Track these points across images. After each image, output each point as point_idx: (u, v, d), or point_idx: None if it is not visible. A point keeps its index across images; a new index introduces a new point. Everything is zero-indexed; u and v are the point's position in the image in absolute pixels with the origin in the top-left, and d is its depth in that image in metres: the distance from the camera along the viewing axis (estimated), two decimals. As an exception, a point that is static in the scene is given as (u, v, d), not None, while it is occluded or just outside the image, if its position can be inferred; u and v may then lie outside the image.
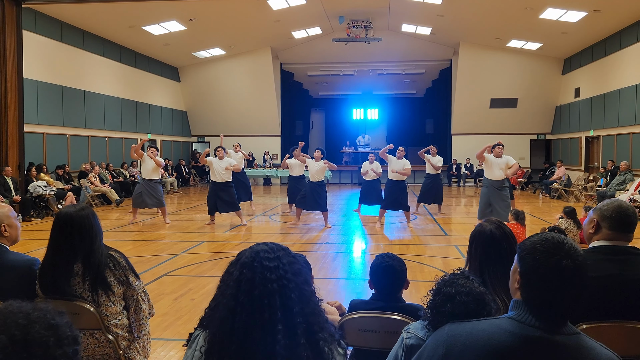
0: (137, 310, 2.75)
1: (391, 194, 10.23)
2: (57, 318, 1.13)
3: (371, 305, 2.40)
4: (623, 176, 12.86)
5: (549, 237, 1.48)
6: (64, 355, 1.09)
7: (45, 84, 13.61)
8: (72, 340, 1.12)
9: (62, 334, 1.10)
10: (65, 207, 2.70)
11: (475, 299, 1.68)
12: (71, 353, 1.10)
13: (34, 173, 11.97)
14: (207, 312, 1.59)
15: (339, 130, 27.93)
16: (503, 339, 1.42)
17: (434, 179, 12.04)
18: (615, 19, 14.24)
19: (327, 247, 8.33)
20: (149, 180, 10.59)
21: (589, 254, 2.28)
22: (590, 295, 2.19)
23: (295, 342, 1.46)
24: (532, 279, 1.45)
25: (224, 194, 10.29)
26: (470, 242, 2.35)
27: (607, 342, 2.20)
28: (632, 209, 2.28)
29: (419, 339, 1.74)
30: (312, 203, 10.14)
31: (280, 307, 1.48)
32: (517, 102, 20.58)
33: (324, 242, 8.77)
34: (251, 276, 1.51)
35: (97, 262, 2.60)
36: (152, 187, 10.57)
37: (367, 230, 10.13)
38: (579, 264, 1.43)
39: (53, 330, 1.09)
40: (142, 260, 7.22)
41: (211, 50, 19.84)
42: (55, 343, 1.08)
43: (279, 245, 1.62)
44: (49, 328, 1.09)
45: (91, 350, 2.64)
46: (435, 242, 8.72)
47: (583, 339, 1.44)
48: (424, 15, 16.99)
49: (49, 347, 1.07)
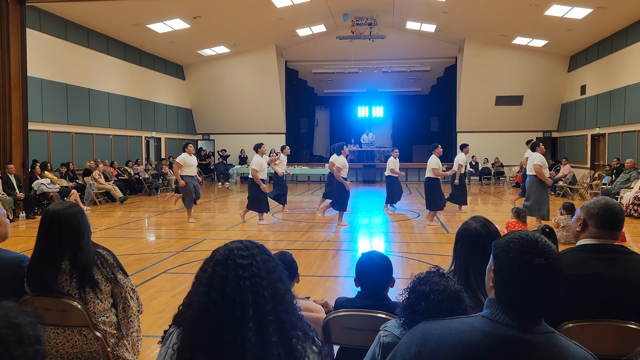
0: (126, 307, 2.75)
1: None
2: (20, 317, 1.12)
3: (356, 304, 2.39)
4: (628, 174, 12.76)
5: (523, 235, 1.46)
6: (24, 355, 1.08)
7: (49, 82, 13.69)
8: (34, 340, 1.11)
9: (24, 333, 1.10)
10: (53, 205, 2.71)
11: (449, 297, 1.66)
12: (32, 353, 1.09)
13: (38, 171, 12.04)
14: (180, 310, 1.59)
15: (343, 128, 27.91)
16: (475, 337, 1.41)
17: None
18: (621, 16, 14.12)
19: (328, 244, 8.32)
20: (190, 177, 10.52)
21: (576, 252, 2.26)
22: (577, 293, 2.19)
23: (266, 340, 1.45)
24: (505, 277, 1.44)
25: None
26: (455, 240, 2.34)
27: (594, 341, 2.19)
28: (619, 207, 2.25)
29: (395, 337, 1.73)
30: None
31: (252, 304, 1.47)
32: (522, 100, 20.46)
33: (326, 240, 8.76)
34: (224, 274, 1.51)
35: (84, 260, 2.60)
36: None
37: (369, 228, 10.11)
38: (553, 262, 1.41)
39: (14, 329, 1.09)
40: (142, 257, 7.25)
41: (216, 48, 19.87)
42: (16, 342, 1.07)
43: (254, 243, 1.62)
44: (10, 327, 1.09)
45: (79, 347, 2.65)
46: (436, 240, 8.68)
47: (557, 338, 1.42)
48: (428, 12, 16.92)
49: (8, 346, 1.06)
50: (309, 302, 2.54)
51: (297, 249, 7.89)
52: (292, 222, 10.79)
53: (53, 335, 2.64)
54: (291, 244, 8.22)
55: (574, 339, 2.22)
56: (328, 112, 29.18)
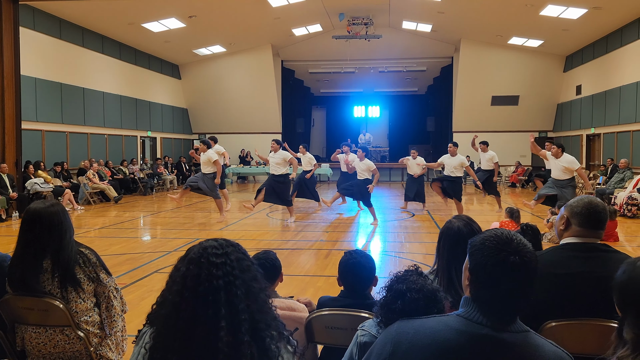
0: (109, 307, 2.73)
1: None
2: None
3: (339, 303, 2.37)
4: (622, 174, 12.78)
5: (499, 233, 1.45)
6: None
7: (44, 81, 13.63)
8: None
9: None
10: (34, 203, 2.68)
11: (425, 296, 1.65)
12: None
13: (31, 170, 12.00)
14: (153, 309, 1.57)
15: (340, 127, 27.90)
16: (449, 336, 1.40)
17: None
18: (616, 16, 14.14)
19: (321, 244, 8.31)
20: (205, 173, 10.57)
21: (559, 251, 2.25)
22: (560, 292, 2.18)
23: (238, 339, 1.44)
24: (479, 276, 1.42)
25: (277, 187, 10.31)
26: (438, 240, 2.32)
27: (577, 339, 2.19)
28: (602, 206, 2.24)
29: (372, 337, 1.71)
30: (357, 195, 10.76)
31: (225, 303, 1.46)
32: (518, 100, 20.48)
33: (319, 239, 8.75)
34: (197, 272, 1.49)
35: (66, 259, 2.58)
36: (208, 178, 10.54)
37: (363, 228, 10.10)
38: (527, 260, 1.40)
39: None
40: (134, 257, 7.22)
41: (211, 48, 19.83)
42: None
43: (230, 242, 1.60)
44: None
45: (61, 347, 2.62)
46: (430, 240, 8.67)
47: (531, 337, 1.41)
48: (424, 12, 16.92)
49: None
50: (292, 301, 2.52)
51: (290, 248, 7.88)
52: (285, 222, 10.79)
53: (35, 335, 2.62)
54: (284, 244, 8.21)
55: (557, 337, 2.22)
56: (324, 111, 29.17)
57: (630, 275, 1.52)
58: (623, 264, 1.58)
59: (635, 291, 1.49)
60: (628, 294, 1.51)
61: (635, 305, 1.49)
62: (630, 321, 1.49)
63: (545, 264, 2.21)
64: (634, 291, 1.50)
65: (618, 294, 1.56)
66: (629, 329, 1.48)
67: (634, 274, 1.52)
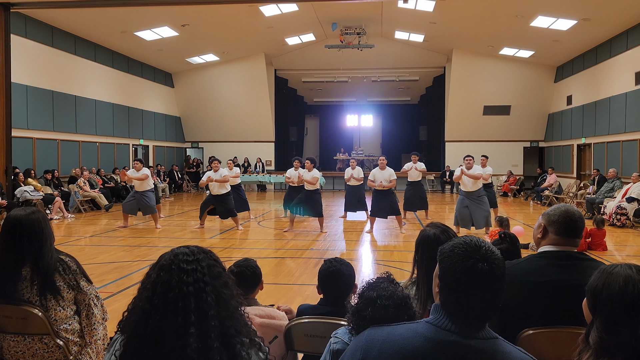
0: (89, 315, 2.71)
1: (379, 202, 10.24)
2: None
3: (318, 311, 2.37)
4: (612, 183, 12.86)
5: (468, 240, 1.46)
6: None
7: (35, 89, 13.60)
8: None
9: None
10: (15, 210, 2.67)
11: (395, 303, 1.65)
12: None
13: (21, 178, 11.94)
14: (124, 316, 1.57)
15: (333, 136, 27.98)
16: (418, 343, 1.40)
17: (414, 186, 12.16)
18: (605, 28, 14.29)
19: (312, 252, 8.30)
20: (142, 192, 10.72)
21: (536, 259, 2.26)
22: (536, 300, 2.19)
23: (208, 345, 1.44)
24: (448, 283, 1.43)
25: (223, 203, 10.42)
26: (415, 248, 2.32)
27: (554, 347, 2.19)
28: (578, 214, 2.26)
29: (344, 344, 1.71)
30: (310, 209, 10.25)
31: (195, 310, 1.46)
32: (510, 110, 20.61)
33: (309, 248, 8.74)
34: (167, 278, 1.49)
35: (46, 266, 2.56)
36: (146, 197, 10.71)
37: (353, 236, 10.10)
38: (495, 267, 1.41)
39: None
40: (122, 265, 7.18)
41: (205, 56, 19.87)
42: None
43: (201, 248, 1.60)
44: None
45: (40, 355, 2.60)
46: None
47: (500, 344, 1.42)
48: (416, 22, 17.03)
49: None
50: (271, 309, 2.52)
51: (281, 257, 7.87)
52: (277, 230, 10.78)
53: (13, 344, 2.59)
54: (274, 252, 8.19)
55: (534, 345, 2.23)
56: (318, 120, 29.25)
57: (604, 281, 1.55)
58: (598, 270, 1.61)
59: (608, 297, 1.52)
60: (600, 299, 1.54)
61: (605, 310, 1.52)
62: (598, 325, 1.51)
63: (522, 272, 2.23)
64: (606, 297, 1.52)
65: (590, 298, 1.58)
66: (596, 333, 1.50)
67: (608, 280, 1.54)
